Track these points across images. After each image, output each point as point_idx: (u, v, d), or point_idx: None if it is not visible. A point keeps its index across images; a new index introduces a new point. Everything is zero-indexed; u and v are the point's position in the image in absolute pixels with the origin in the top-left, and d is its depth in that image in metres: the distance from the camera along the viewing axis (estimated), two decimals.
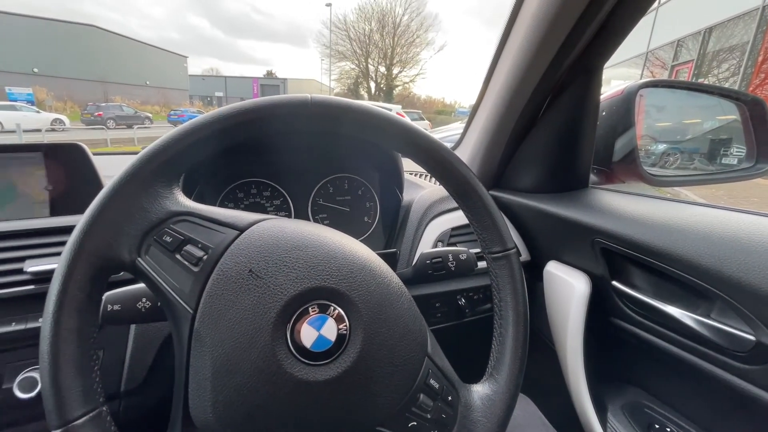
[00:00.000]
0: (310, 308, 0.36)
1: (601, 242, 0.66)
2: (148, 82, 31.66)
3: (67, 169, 0.64)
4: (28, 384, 0.51)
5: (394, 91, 33.66)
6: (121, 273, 0.38)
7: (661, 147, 1.23)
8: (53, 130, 14.15)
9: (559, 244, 0.77)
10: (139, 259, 0.38)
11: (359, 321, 0.37)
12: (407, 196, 0.85)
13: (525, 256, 0.84)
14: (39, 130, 12.05)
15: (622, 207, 0.68)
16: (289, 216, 0.78)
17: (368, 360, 0.36)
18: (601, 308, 0.71)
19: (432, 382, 0.41)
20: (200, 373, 0.35)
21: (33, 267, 0.53)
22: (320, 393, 0.35)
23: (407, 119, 0.50)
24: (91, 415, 0.35)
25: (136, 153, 0.40)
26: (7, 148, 0.62)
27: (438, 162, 0.45)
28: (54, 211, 0.63)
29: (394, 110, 7.47)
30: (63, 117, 16.31)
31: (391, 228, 0.84)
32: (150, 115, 20.55)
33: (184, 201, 0.41)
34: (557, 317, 0.75)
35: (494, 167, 0.86)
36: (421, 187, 0.90)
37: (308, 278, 0.36)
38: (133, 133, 13.46)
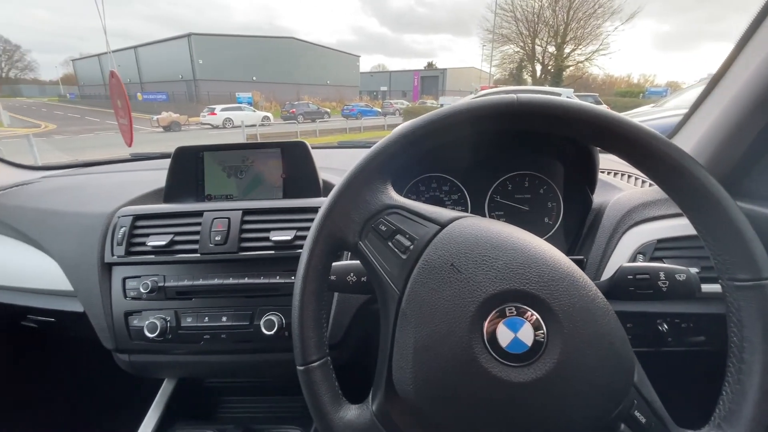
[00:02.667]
0: (507, 309, 0.36)
1: None
2: (328, 82, 36.86)
3: (295, 161, 0.80)
4: (269, 324, 0.67)
5: (563, 73, 29.91)
6: None
7: None
8: (263, 125, 17.99)
9: None
10: (360, 242, 0.45)
11: (558, 331, 0.35)
12: (598, 197, 0.75)
13: None
14: (254, 125, 15.53)
15: None
16: (465, 211, 0.80)
17: (565, 373, 0.35)
18: None
19: (637, 414, 0.37)
20: (404, 347, 0.39)
21: (276, 237, 0.69)
22: (513, 393, 0.35)
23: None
24: (322, 360, 0.44)
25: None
26: (257, 146, 0.82)
27: (657, 159, 0.38)
28: (285, 194, 0.81)
29: (564, 95, 6.67)
30: (269, 114, 20.70)
31: (575, 232, 0.76)
32: (328, 110, 23.94)
33: (394, 195, 0.46)
34: None
35: (729, 167, 0.68)
36: (616, 188, 0.78)
37: (507, 279, 0.36)
38: (316, 126, 15.99)
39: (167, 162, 1.22)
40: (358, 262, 0.61)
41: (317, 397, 0.42)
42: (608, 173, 0.88)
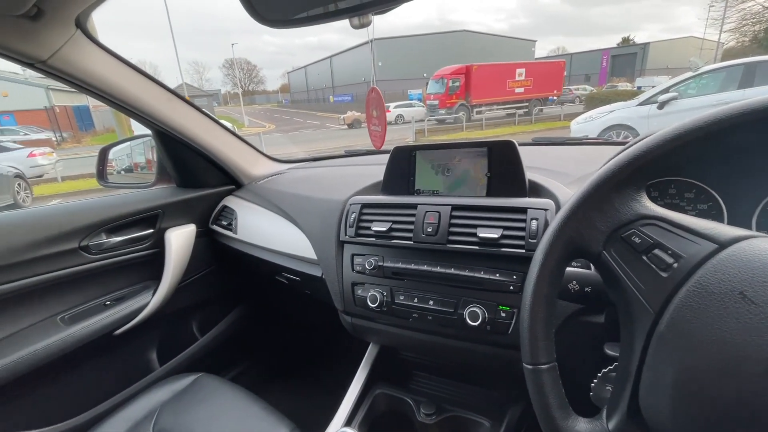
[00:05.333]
0: None
1: None
2: None
3: (501, 160, 0.81)
4: (473, 315, 0.71)
5: None
6: None
7: None
8: (429, 119, 18.72)
9: None
10: (604, 252, 0.42)
11: None
12: None
13: None
14: (422, 120, 16.31)
15: None
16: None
17: None
18: None
19: None
20: (659, 374, 0.36)
21: (483, 233, 0.72)
22: None
23: None
24: (550, 365, 0.44)
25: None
26: (464, 145, 0.86)
27: None
28: (489, 192, 0.83)
29: None
30: None
31: None
32: None
33: (651, 205, 0.42)
34: None
35: None
36: None
37: None
38: (482, 118, 15.69)
39: (375, 158, 1.43)
40: (581, 269, 0.58)
41: (545, 400, 0.43)
42: None
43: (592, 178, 0.43)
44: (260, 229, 1.20)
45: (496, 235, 0.71)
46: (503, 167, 0.81)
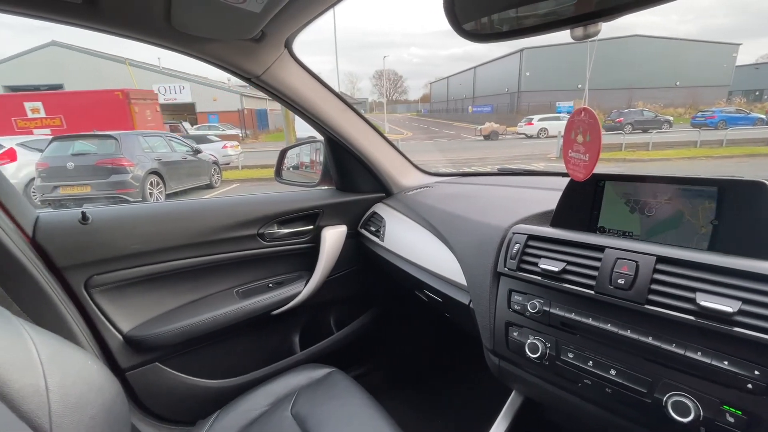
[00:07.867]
0: None
1: None
2: (677, 83, 29.57)
3: (740, 205, 0.61)
4: (679, 408, 0.53)
5: None
6: None
7: None
8: None
9: None
10: None
11: None
12: None
13: None
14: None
15: None
16: None
17: None
18: None
19: None
20: None
21: (708, 303, 0.54)
22: None
23: None
24: None
25: None
26: (680, 180, 0.68)
27: None
28: (713, 246, 0.63)
29: None
30: None
31: None
32: (671, 118, 19.37)
33: None
34: None
35: None
36: None
37: None
38: (649, 138, 13.25)
39: (534, 180, 1.29)
40: None
41: None
42: None
43: None
44: (406, 240, 1.20)
45: (730, 309, 0.52)
46: (742, 214, 0.60)
